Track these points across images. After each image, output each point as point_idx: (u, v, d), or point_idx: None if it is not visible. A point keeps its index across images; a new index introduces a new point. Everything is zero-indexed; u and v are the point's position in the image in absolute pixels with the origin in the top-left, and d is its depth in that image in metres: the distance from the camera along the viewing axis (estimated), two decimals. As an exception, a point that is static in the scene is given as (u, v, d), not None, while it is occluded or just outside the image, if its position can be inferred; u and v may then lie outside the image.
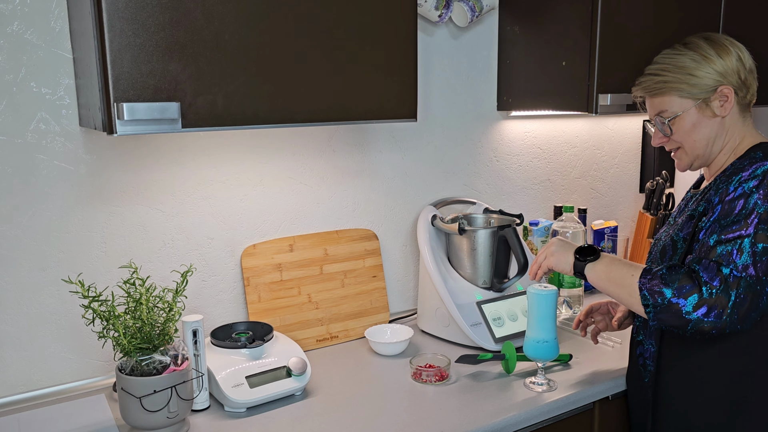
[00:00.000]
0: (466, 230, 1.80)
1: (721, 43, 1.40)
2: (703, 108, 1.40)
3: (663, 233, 1.50)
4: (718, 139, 1.42)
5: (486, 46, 2.05)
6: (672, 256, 1.41)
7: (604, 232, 2.16)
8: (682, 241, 1.39)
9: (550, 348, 1.50)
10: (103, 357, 1.58)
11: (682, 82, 1.40)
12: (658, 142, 1.49)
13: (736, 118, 1.42)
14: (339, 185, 1.87)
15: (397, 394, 1.51)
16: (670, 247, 1.42)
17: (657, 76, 1.43)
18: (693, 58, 1.39)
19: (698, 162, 1.46)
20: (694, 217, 1.39)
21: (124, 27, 1.18)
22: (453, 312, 1.73)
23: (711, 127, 1.41)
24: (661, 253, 1.44)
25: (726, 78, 1.38)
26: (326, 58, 1.39)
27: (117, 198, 1.56)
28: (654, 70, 1.44)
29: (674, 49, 1.43)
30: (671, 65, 1.41)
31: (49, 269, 1.50)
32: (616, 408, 1.59)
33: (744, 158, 1.38)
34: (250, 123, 1.33)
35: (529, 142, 2.21)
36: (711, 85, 1.38)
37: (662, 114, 1.44)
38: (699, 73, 1.39)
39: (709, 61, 1.38)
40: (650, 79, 1.45)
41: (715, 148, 1.43)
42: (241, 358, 1.48)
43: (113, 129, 1.19)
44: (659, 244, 1.47)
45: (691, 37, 1.44)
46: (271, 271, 1.75)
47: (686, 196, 1.53)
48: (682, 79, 1.40)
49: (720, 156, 1.44)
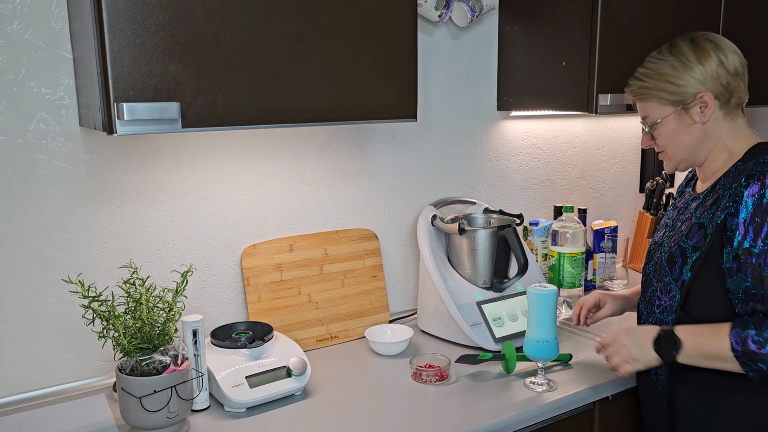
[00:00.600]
0: (466, 230, 1.80)
1: (703, 47, 1.37)
2: (683, 115, 1.39)
3: (665, 237, 1.48)
4: (701, 144, 1.41)
5: (486, 46, 2.05)
6: (682, 265, 1.39)
7: (604, 232, 2.16)
8: (691, 250, 1.37)
9: (550, 348, 1.50)
10: (103, 357, 1.58)
11: (660, 89, 1.40)
12: (646, 144, 1.49)
13: (721, 122, 1.40)
14: (339, 185, 1.87)
15: (397, 394, 1.51)
16: (678, 255, 1.40)
17: (640, 81, 1.43)
18: (673, 64, 1.38)
19: (683, 165, 1.46)
20: (704, 226, 1.36)
21: (124, 27, 1.18)
22: (453, 312, 1.73)
23: (692, 134, 1.40)
24: (669, 261, 1.42)
25: (706, 85, 1.36)
26: (326, 58, 1.39)
27: (117, 198, 1.56)
28: (640, 74, 1.44)
29: (659, 53, 1.42)
30: (653, 71, 1.41)
31: (49, 269, 1.50)
32: (616, 408, 1.59)
33: (747, 160, 1.37)
34: (250, 123, 1.33)
35: (529, 142, 2.21)
36: (690, 93, 1.37)
37: (645, 119, 1.45)
38: (677, 80, 1.38)
39: (687, 68, 1.37)
40: (635, 83, 1.45)
41: (701, 153, 1.42)
42: (241, 358, 1.48)
43: (113, 129, 1.19)
44: (664, 251, 1.45)
45: (679, 38, 1.42)
46: (271, 271, 1.75)
47: (685, 198, 1.51)
48: (661, 86, 1.40)
49: (711, 159, 1.42)
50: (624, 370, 1.42)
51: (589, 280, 2.18)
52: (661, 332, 1.37)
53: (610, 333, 1.46)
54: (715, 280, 1.35)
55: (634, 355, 1.40)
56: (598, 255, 2.16)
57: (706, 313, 1.37)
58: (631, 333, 1.42)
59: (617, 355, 1.42)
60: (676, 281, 1.40)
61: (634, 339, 1.41)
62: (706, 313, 1.37)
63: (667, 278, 1.43)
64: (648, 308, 1.50)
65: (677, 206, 1.53)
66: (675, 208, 1.54)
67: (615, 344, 1.43)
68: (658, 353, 1.37)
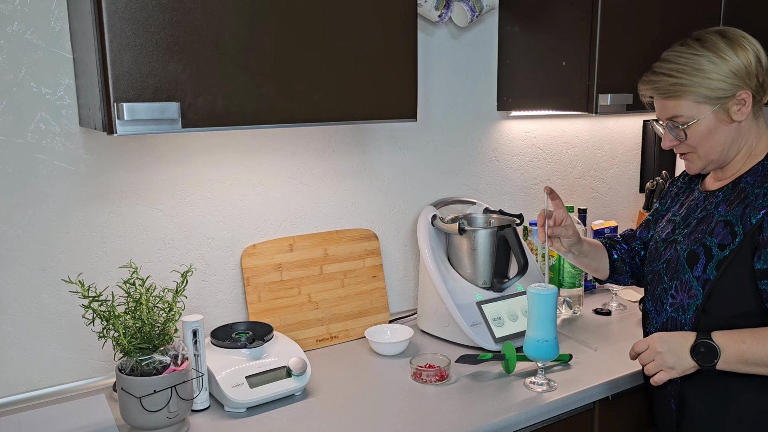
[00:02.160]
0: (466, 230, 1.80)
1: (738, 41, 1.31)
2: (720, 113, 1.32)
3: (678, 234, 1.44)
4: (734, 143, 1.36)
5: (486, 46, 2.05)
6: (706, 263, 1.34)
7: (604, 232, 2.16)
8: (717, 248, 1.33)
9: (550, 348, 1.49)
10: (103, 357, 1.58)
11: (699, 86, 1.31)
12: (669, 144, 1.40)
13: (751, 120, 1.36)
14: (339, 185, 1.87)
15: (397, 394, 1.51)
16: (702, 253, 1.36)
17: (671, 78, 1.33)
18: (711, 59, 1.30)
19: (712, 166, 1.40)
20: (731, 224, 1.33)
21: (124, 27, 1.18)
22: (453, 312, 1.73)
23: (728, 133, 1.34)
24: (689, 259, 1.38)
25: (744, 81, 1.30)
26: (326, 58, 1.39)
27: (117, 198, 1.56)
28: (667, 69, 1.34)
29: (689, 48, 1.33)
30: (688, 67, 1.31)
31: (49, 269, 1.50)
32: (616, 408, 1.59)
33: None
34: (250, 123, 1.33)
35: (529, 142, 2.21)
36: (730, 90, 1.30)
37: (676, 119, 1.35)
38: (717, 76, 1.29)
39: (726, 62, 1.29)
40: (664, 80, 1.34)
41: (731, 152, 1.37)
42: (241, 358, 1.48)
43: (113, 129, 1.19)
44: (681, 248, 1.40)
45: (704, 32, 1.34)
46: (271, 271, 1.75)
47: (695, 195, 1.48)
48: (699, 82, 1.31)
49: (737, 159, 1.38)
50: (659, 378, 1.37)
51: (589, 280, 2.18)
52: (698, 340, 1.32)
53: (643, 340, 1.41)
54: (740, 280, 1.31)
55: (670, 364, 1.35)
56: (598, 255, 2.16)
57: (727, 312, 1.33)
58: (665, 340, 1.36)
59: (652, 364, 1.37)
60: (697, 279, 1.36)
61: (669, 347, 1.35)
62: (727, 312, 1.33)
63: (685, 276, 1.38)
64: (657, 306, 1.46)
65: (684, 202, 1.50)
66: (681, 205, 1.50)
67: (650, 352, 1.38)
68: (696, 362, 1.32)
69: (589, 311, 2.00)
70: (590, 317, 1.96)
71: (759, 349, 1.27)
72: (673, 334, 1.38)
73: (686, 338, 1.34)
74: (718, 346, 1.30)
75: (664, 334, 1.39)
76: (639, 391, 1.61)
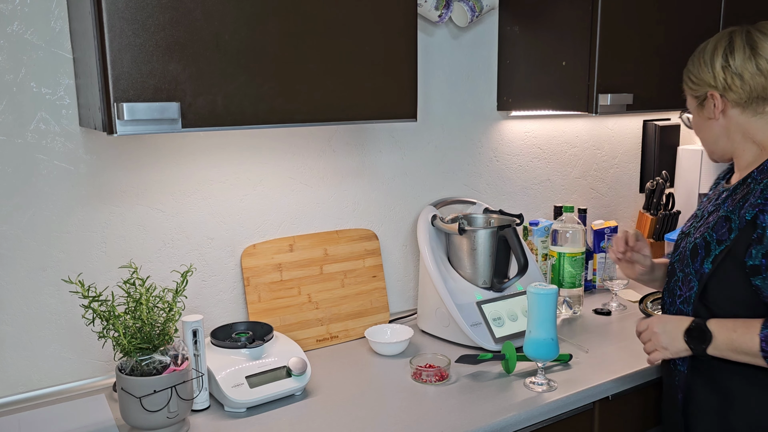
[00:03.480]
0: (466, 230, 1.80)
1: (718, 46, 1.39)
2: (701, 110, 1.44)
3: (691, 227, 1.49)
4: (719, 139, 1.43)
5: (486, 46, 2.05)
6: (704, 257, 1.39)
7: (604, 232, 2.16)
8: (715, 243, 1.37)
9: (550, 348, 1.50)
10: (103, 357, 1.58)
11: (686, 83, 1.45)
12: None
13: (739, 118, 1.39)
14: (339, 185, 1.87)
15: (397, 394, 1.51)
16: (702, 247, 1.40)
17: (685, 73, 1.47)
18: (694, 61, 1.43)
19: (714, 156, 1.49)
20: (729, 220, 1.36)
21: (124, 27, 1.18)
22: (453, 312, 1.73)
23: (710, 129, 1.44)
24: (692, 252, 1.42)
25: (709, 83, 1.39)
26: (326, 58, 1.39)
27: (117, 198, 1.56)
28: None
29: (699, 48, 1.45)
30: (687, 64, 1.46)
31: (49, 269, 1.50)
32: (616, 408, 1.59)
33: None
34: (250, 123, 1.33)
35: (529, 142, 2.21)
36: (701, 90, 1.41)
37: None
38: (694, 77, 1.43)
39: (703, 66, 1.40)
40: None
41: (720, 146, 1.44)
42: (241, 358, 1.48)
43: (113, 129, 1.19)
44: (690, 240, 1.45)
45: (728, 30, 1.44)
46: (271, 271, 1.75)
47: (718, 190, 1.50)
48: (685, 80, 1.45)
49: (740, 152, 1.43)
50: (653, 357, 1.46)
51: (589, 280, 2.18)
52: (692, 324, 1.38)
53: (644, 320, 1.49)
54: (734, 276, 1.34)
55: (663, 344, 1.42)
56: (598, 255, 2.16)
57: (724, 307, 1.37)
58: (663, 322, 1.44)
59: (648, 343, 1.46)
60: (696, 273, 1.41)
61: (665, 328, 1.43)
62: (723, 307, 1.37)
63: (688, 269, 1.43)
64: (671, 297, 1.50)
65: (710, 197, 1.53)
66: (708, 199, 1.54)
67: (647, 332, 1.47)
68: (688, 344, 1.38)
69: (589, 311, 2.00)
70: (590, 317, 1.96)
71: (748, 339, 1.31)
72: (671, 317, 1.45)
73: (682, 322, 1.41)
74: (711, 332, 1.35)
75: (665, 316, 1.47)
76: (639, 391, 1.61)
